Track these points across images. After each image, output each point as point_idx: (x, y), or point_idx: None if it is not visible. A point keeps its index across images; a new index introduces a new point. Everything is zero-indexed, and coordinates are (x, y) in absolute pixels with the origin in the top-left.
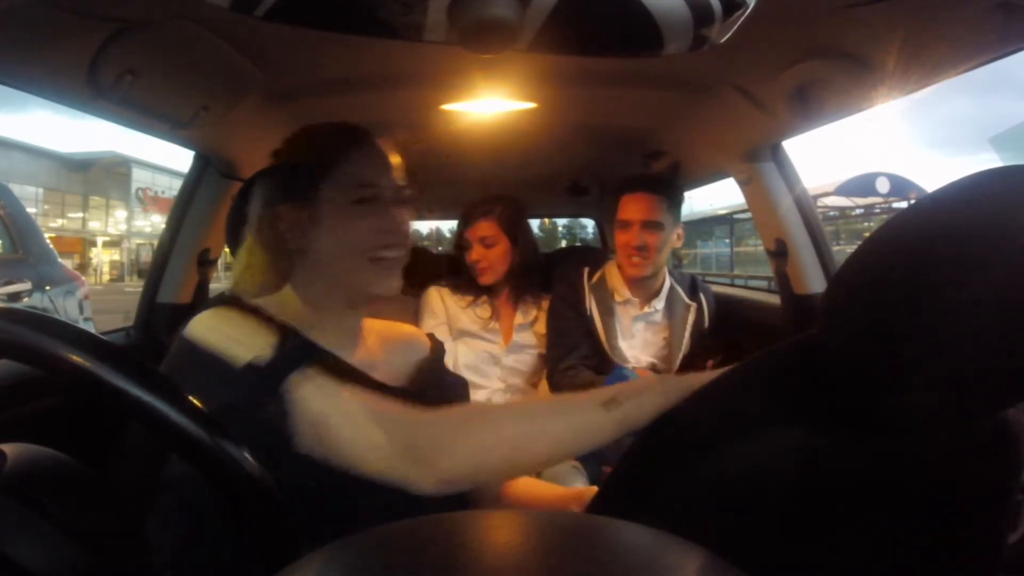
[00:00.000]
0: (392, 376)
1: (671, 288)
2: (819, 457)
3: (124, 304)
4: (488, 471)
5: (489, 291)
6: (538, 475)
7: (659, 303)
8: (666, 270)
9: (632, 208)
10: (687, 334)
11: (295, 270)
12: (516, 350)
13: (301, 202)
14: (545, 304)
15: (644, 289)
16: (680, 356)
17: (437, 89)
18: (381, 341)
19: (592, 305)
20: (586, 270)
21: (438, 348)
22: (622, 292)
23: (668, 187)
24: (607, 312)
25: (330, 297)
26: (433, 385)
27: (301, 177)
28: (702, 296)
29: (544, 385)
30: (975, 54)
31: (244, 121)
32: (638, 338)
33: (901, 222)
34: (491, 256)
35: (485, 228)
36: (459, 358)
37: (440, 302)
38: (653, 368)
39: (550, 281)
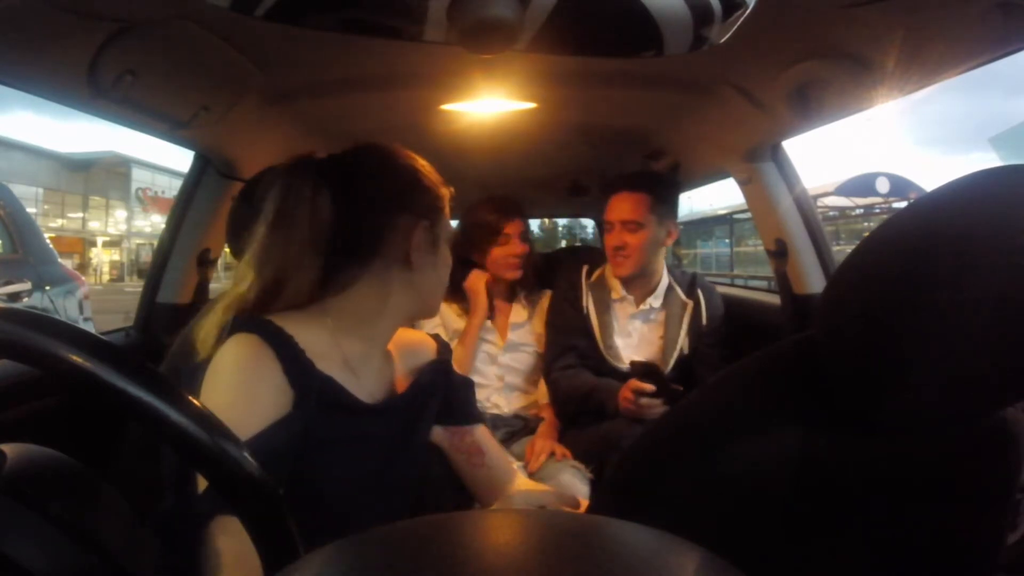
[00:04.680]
0: (407, 377)
1: (669, 286)
2: (818, 456)
3: (124, 304)
4: None
5: (487, 292)
6: (531, 475)
7: (656, 301)
8: (664, 268)
9: (613, 208)
10: (683, 332)
11: (373, 281)
12: (513, 348)
13: (432, 223)
14: (540, 302)
15: (638, 287)
16: (675, 355)
17: (437, 89)
18: (397, 347)
19: (589, 303)
20: (585, 268)
21: (443, 349)
22: (618, 290)
23: (654, 185)
24: (604, 310)
25: (408, 309)
26: (432, 382)
27: (427, 200)
28: (700, 293)
29: (543, 384)
30: (975, 54)
31: (244, 121)
32: (635, 336)
33: (899, 222)
34: (529, 250)
35: (521, 226)
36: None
37: None
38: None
39: (549, 280)
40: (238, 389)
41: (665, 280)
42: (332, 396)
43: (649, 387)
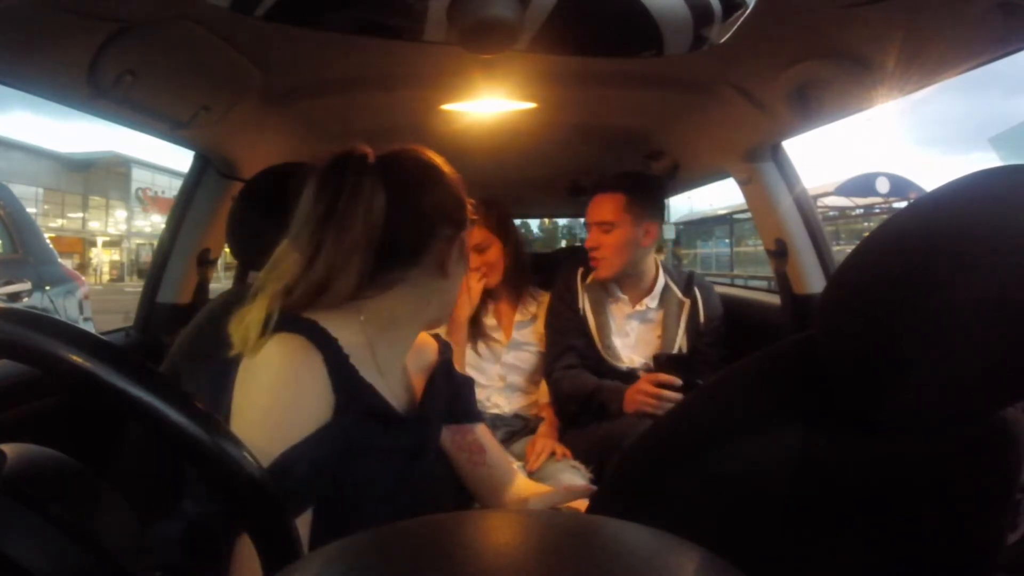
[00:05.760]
0: (416, 377)
1: (665, 286)
2: (818, 456)
3: (124, 304)
4: None
5: (489, 291)
6: (531, 475)
7: (652, 301)
8: (659, 269)
9: (590, 211)
10: (681, 331)
11: (409, 287)
12: (516, 347)
13: (463, 236)
14: (545, 301)
15: (632, 288)
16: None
17: (437, 89)
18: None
19: (586, 304)
20: (581, 270)
21: (444, 349)
22: (613, 291)
23: (630, 185)
24: (600, 311)
25: (432, 315)
26: (444, 386)
27: (464, 213)
28: (697, 292)
29: (544, 384)
30: (975, 54)
31: (244, 121)
32: (633, 336)
33: (900, 222)
34: (489, 259)
35: (476, 235)
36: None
37: None
38: (646, 368)
39: (550, 280)
40: (283, 393)
41: (661, 280)
42: (371, 404)
43: (677, 380)
